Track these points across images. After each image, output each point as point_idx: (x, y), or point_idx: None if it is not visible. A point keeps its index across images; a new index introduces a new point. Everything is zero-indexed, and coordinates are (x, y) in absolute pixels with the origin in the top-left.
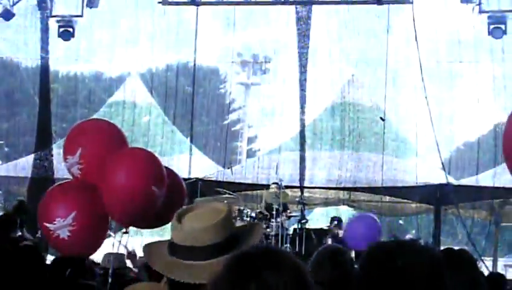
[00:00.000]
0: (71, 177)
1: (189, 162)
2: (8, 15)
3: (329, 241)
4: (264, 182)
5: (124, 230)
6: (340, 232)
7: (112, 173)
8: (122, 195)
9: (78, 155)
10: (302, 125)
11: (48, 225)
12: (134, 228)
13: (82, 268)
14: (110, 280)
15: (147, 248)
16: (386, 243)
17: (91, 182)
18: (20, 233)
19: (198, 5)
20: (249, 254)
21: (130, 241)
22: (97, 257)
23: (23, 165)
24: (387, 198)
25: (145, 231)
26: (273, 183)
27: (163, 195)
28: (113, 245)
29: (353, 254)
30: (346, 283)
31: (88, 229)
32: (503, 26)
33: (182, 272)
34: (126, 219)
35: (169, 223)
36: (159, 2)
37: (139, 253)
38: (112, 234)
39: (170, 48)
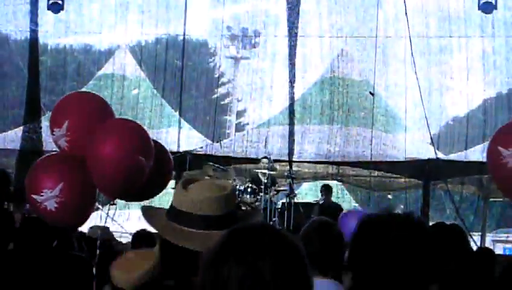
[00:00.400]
0: (58, 150)
1: (178, 136)
2: None
3: (316, 211)
4: (253, 156)
5: (111, 202)
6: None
7: (99, 143)
8: (109, 166)
9: (65, 127)
10: (291, 99)
11: (35, 196)
12: (123, 202)
13: (69, 240)
14: (98, 252)
15: (147, 209)
16: (378, 216)
17: (78, 154)
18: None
19: None
20: (248, 230)
21: (118, 214)
22: (84, 229)
23: (12, 138)
24: (376, 173)
25: (133, 204)
26: (263, 157)
27: (150, 166)
28: (101, 218)
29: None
30: (335, 256)
31: (75, 200)
32: (493, 1)
33: (179, 236)
34: (113, 191)
35: (156, 197)
36: None
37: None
38: (99, 206)
39: (160, 21)
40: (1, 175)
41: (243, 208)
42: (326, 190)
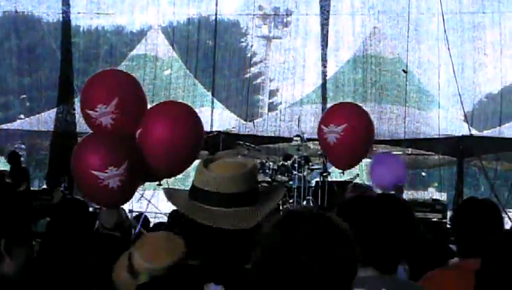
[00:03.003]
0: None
1: (211, 116)
2: None
3: (350, 189)
4: (286, 135)
5: (158, 183)
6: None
7: (155, 123)
8: (164, 146)
9: (113, 105)
10: (324, 78)
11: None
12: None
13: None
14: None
15: (169, 190)
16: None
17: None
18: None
19: None
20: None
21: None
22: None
23: (46, 119)
24: (410, 150)
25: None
26: (295, 136)
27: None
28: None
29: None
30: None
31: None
32: None
33: (201, 214)
34: (166, 171)
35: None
36: None
37: None
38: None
39: (191, 1)
40: (13, 155)
41: (267, 171)
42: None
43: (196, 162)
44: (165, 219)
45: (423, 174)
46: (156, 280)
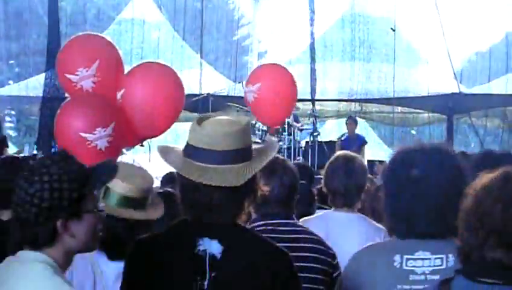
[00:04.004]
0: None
1: (199, 78)
2: None
3: (338, 146)
4: None
5: (141, 144)
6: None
7: (139, 84)
8: (149, 106)
9: (94, 68)
10: (312, 38)
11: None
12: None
13: None
14: None
15: (163, 147)
16: (404, 152)
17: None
18: None
19: None
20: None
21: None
22: None
23: (34, 85)
24: (399, 109)
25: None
26: None
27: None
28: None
29: None
30: (359, 190)
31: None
32: None
33: (194, 171)
34: (151, 130)
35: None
36: None
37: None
38: (124, 151)
39: None
40: None
41: (257, 132)
42: (351, 121)
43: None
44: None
45: (413, 132)
46: (151, 235)
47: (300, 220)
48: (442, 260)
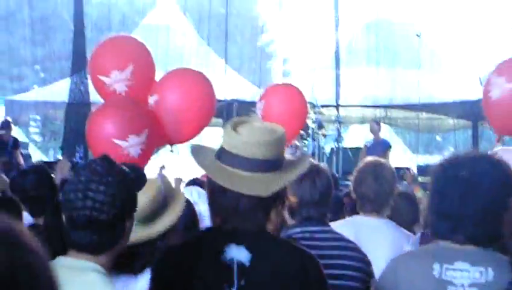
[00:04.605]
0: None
1: (224, 84)
2: None
3: (363, 152)
4: None
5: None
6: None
7: (173, 89)
8: (183, 112)
9: (128, 71)
10: (337, 44)
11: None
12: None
13: None
14: None
15: (197, 147)
16: (455, 155)
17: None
18: None
19: None
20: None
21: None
22: None
23: (59, 90)
24: (424, 115)
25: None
26: (309, 102)
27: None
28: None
29: None
30: (388, 196)
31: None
32: None
33: (224, 176)
34: (183, 136)
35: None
36: None
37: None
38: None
39: None
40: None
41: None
42: (374, 124)
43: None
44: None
45: (438, 138)
46: (179, 244)
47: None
48: (481, 273)
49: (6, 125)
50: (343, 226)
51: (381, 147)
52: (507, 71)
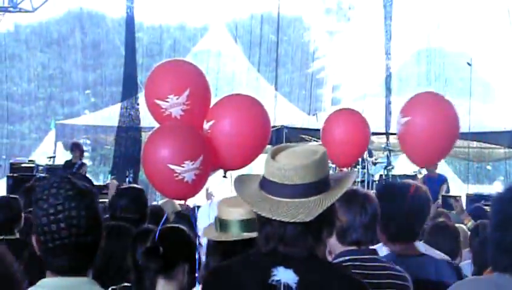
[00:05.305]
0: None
1: (274, 110)
2: None
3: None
4: None
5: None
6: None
7: (229, 115)
8: (239, 138)
9: (185, 96)
10: (388, 71)
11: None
12: None
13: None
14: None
15: (240, 178)
16: None
17: (193, 124)
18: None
19: None
20: None
21: None
22: None
23: (110, 115)
24: (475, 144)
25: None
26: None
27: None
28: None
29: None
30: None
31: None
32: None
33: (265, 206)
34: (237, 163)
35: None
36: None
37: None
38: None
39: None
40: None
41: (330, 165)
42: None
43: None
44: None
45: (488, 167)
46: (227, 263)
47: None
48: None
49: (74, 147)
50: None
51: (438, 181)
52: None
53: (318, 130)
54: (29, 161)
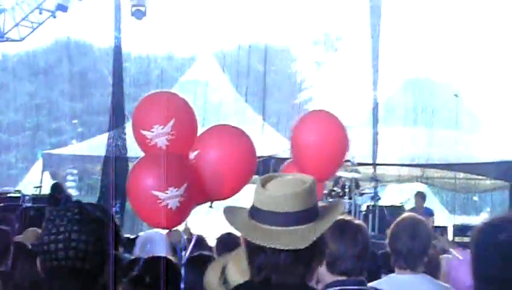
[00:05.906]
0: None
1: (261, 140)
2: None
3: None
4: None
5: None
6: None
7: (215, 145)
8: (225, 168)
9: (170, 126)
10: (375, 102)
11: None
12: None
13: None
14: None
15: (229, 209)
16: (494, 219)
17: (178, 153)
18: None
19: None
20: None
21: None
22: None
23: (97, 144)
24: (461, 175)
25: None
26: (346, 160)
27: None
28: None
29: None
30: (422, 253)
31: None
32: None
33: (257, 234)
34: (223, 192)
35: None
36: None
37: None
38: None
39: (242, 27)
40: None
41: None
42: (419, 197)
43: (247, 186)
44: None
45: (475, 198)
46: None
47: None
48: None
49: (57, 190)
50: (379, 285)
51: (424, 216)
52: None
53: None
54: (16, 190)
